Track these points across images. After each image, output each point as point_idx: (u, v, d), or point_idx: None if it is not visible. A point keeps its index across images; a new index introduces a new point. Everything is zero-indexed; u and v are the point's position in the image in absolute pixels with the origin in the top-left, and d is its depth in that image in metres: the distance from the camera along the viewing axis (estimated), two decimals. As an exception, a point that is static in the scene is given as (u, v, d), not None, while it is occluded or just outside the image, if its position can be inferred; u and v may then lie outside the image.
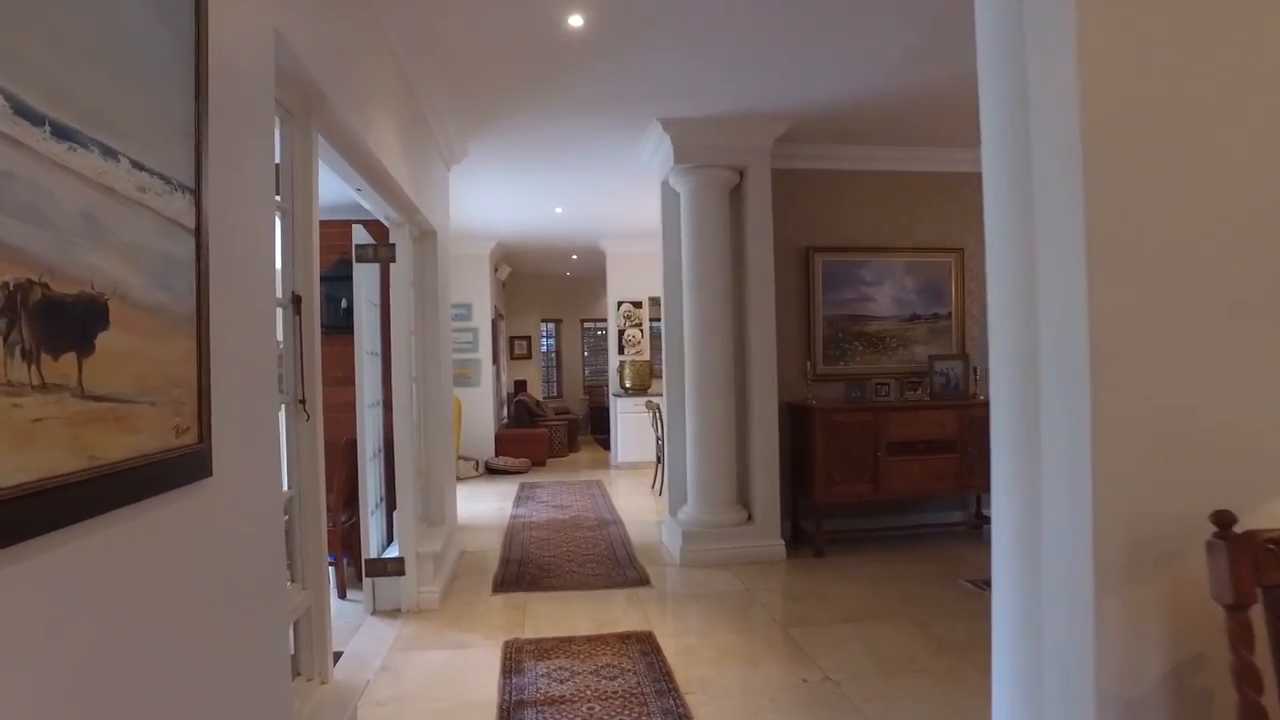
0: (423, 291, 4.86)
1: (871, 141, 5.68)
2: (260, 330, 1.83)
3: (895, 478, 5.34)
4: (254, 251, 1.79)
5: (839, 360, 5.83)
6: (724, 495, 5.27)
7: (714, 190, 5.26)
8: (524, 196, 7.43)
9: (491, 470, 9.84)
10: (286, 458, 2.36)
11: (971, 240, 6.03)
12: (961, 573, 4.81)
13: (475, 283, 10.12)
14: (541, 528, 6.41)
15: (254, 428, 1.75)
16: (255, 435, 1.75)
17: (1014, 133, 1.69)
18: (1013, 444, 1.76)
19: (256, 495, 1.75)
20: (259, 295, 1.83)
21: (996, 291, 1.83)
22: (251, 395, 1.73)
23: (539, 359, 15.08)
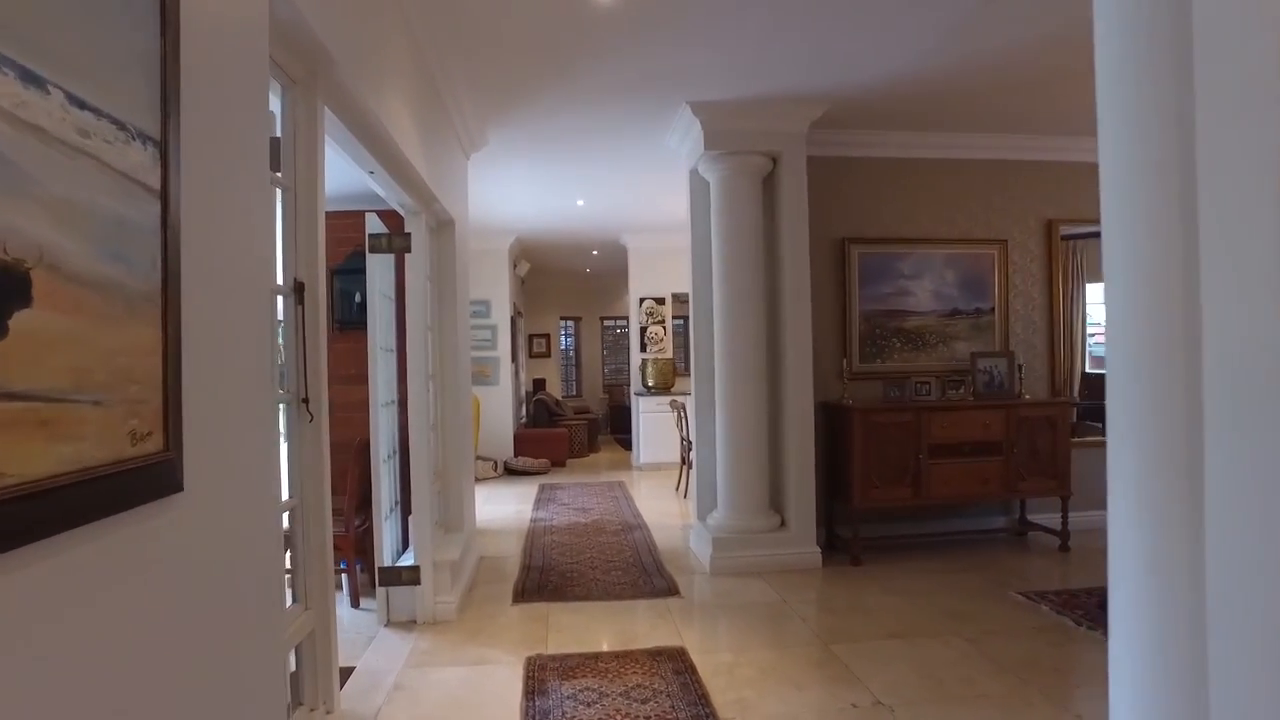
0: (440, 285, 4.63)
1: (911, 127, 5.38)
2: (253, 319, 1.58)
3: (937, 482, 5.05)
4: (245, 228, 1.54)
5: (876, 357, 5.54)
6: (756, 500, 5.00)
7: (746, 178, 4.99)
8: (545, 189, 7.19)
9: (511, 471, 9.62)
10: (288, 463, 2.13)
11: (1016, 231, 5.72)
12: (1011, 584, 4.51)
13: (494, 279, 9.90)
14: (563, 532, 6.16)
15: (243, 431, 1.51)
16: (244, 440, 1.51)
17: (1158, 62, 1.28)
18: (1143, 457, 1.44)
19: (244, 510, 1.51)
20: (252, 279, 1.58)
21: (1121, 275, 1.53)
22: (240, 394, 1.49)
23: (558, 357, 14.86)
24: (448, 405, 4.64)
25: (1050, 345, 5.78)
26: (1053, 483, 5.21)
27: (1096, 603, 4.12)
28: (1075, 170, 5.77)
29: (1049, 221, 5.76)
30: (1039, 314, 5.78)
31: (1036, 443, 5.17)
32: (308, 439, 2.15)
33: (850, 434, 4.99)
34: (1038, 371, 5.75)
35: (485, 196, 7.39)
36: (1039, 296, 5.78)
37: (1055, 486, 5.22)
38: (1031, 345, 5.76)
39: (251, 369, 1.56)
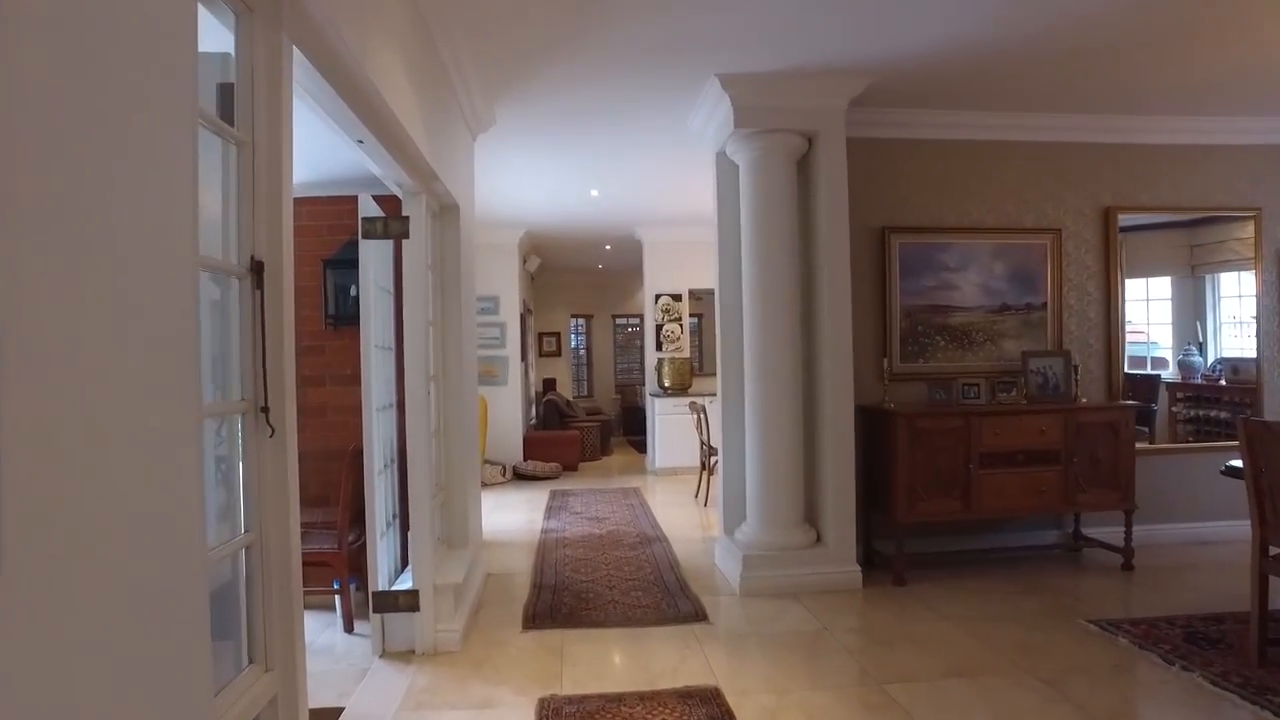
0: (443, 276, 4.20)
1: (960, 105, 4.91)
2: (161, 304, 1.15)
3: (989, 493, 4.58)
4: (141, 174, 1.11)
5: (917, 357, 5.08)
6: (790, 513, 4.55)
7: (779, 159, 4.54)
8: (557, 178, 6.76)
9: (520, 476, 9.19)
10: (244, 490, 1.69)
11: (1071, 220, 5.25)
12: (1077, 609, 4.05)
13: (503, 274, 9.48)
14: (576, 544, 5.73)
15: (135, 457, 1.08)
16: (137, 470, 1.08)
17: None
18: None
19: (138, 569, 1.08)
20: (158, 246, 1.15)
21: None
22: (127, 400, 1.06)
23: (569, 356, 14.44)
24: (451, 408, 4.21)
25: (1107, 344, 5.31)
26: (1115, 495, 4.74)
27: (1182, 635, 3.65)
28: (1137, 153, 5.31)
29: (1107, 209, 5.28)
30: (1095, 309, 5.31)
31: (1097, 451, 4.70)
32: (269, 457, 1.72)
33: (893, 441, 4.54)
34: (1093, 372, 5.28)
35: (494, 186, 6.96)
36: (1095, 290, 5.31)
37: (1118, 499, 4.75)
38: (1086, 344, 5.29)
39: (156, 371, 1.13)
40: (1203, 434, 5.71)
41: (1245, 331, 5.85)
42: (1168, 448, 5.44)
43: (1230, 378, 5.84)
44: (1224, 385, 5.83)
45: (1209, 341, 6.02)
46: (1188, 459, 5.34)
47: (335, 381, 4.58)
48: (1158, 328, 5.77)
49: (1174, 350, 5.83)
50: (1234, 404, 5.77)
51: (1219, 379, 5.86)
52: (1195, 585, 4.45)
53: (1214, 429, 5.76)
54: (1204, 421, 5.85)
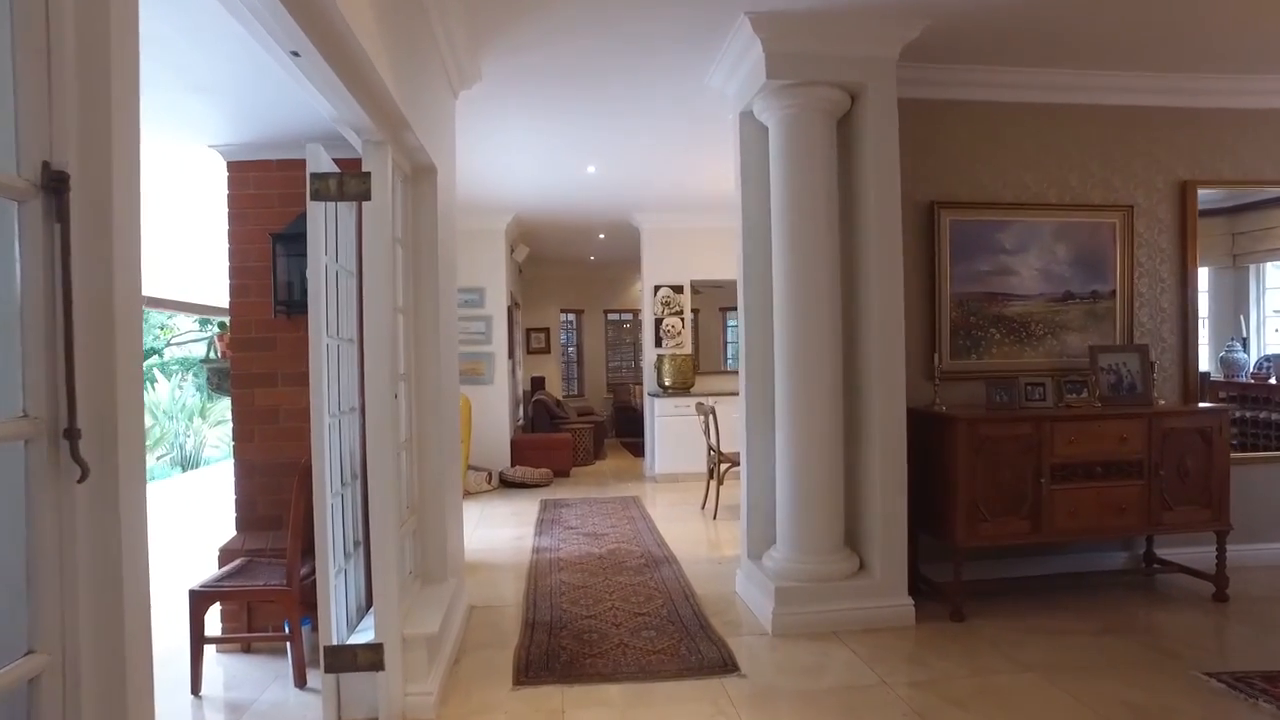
0: (418, 253, 3.47)
1: (1020, 60, 4.23)
2: None
3: (1062, 512, 3.91)
4: None
5: (970, 352, 4.40)
6: (829, 536, 3.85)
7: (818, 118, 3.83)
8: (549, 151, 6.02)
9: (507, 483, 8.45)
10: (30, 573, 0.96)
11: (1142, 195, 4.58)
12: (1185, 656, 3.37)
13: (489, 264, 8.74)
14: (573, 567, 5.00)
15: None
16: None
17: None
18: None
19: None
20: None
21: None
22: None
23: (558, 353, 13.71)
24: (427, 413, 3.48)
25: (1183, 338, 4.64)
26: (1207, 513, 4.07)
27: (1324, 691, 2.98)
28: (1217, 119, 4.64)
29: (1183, 184, 4.62)
30: (1169, 298, 4.64)
31: (1185, 461, 4.03)
32: (82, 520, 0.99)
33: (951, 451, 3.85)
34: (1167, 370, 4.62)
35: (479, 163, 6.22)
36: (1169, 277, 4.64)
37: (1210, 518, 4.08)
38: (1160, 337, 4.62)
39: None
40: (1250, 438, 5.06)
41: None
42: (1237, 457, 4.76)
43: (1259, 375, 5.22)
44: (1275, 384, 5.19)
45: (1252, 337, 5.41)
46: (1247, 470, 4.62)
47: (289, 381, 3.83)
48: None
49: (1212, 347, 5.19)
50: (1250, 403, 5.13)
51: (1268, 377, 5.23)
52: (1305, 620, 3.80)
53: (1265, 433, 5.12)
54: (1254, 424, 5.20)
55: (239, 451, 3.87)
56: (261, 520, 3.81)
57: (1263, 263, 5.31)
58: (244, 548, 3.68)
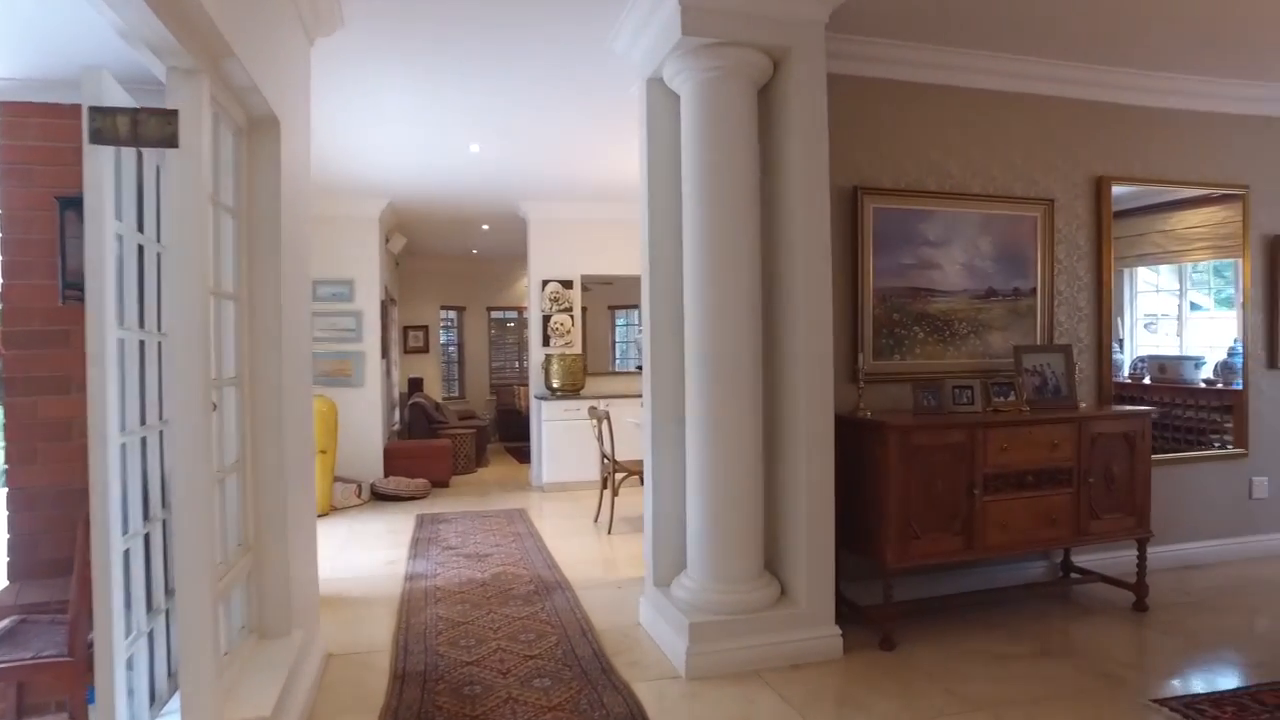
0: (254, 226, 2.75)
1: (951, 41, 3.92)
2: None
3: (994, 526, 3.61)
4: None
5: (894, 352, 4.06)
6: (749, 561, 3.39)
7: (737, 85, 3.37)
8: (427, 126, 5.32)
9: (380, 496, 7.62)
10: None
11: (1061, 190, 4.39)
12: (1132, 681, 3.11)
13: (360, 254, 7.88)
14: (453, 598, 4.35)
15: None
16: None
17: None
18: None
19: None
20: None
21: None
22: None
23: (438, 353, 12.84)
24: (265, 427, 2.77)
25: (1099, 338, 4.49)
26: (1131, 520, 3.89)
27: (1282, 719, 2.76)
28: (1133, 116, 4.52)
29: (1099, 179, 4.46)
30: (1085, 297, 4.48)
31: (1111, 467, 3.83)
32: None
33: (881, 462, 3.47)
34: (1084, 371, 4.45)
35: (347, 137, 5.45)
36: (1085, 275, 4.48)
37: (1133, 525, 3.90)
38: (1077, 337, 4.44)
39: None
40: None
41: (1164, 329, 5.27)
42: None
43: (1156, 376, 5.23)
44: (1149, 384, 5.20)
45: (1127, 339, 5.43)
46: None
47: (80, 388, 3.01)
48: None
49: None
50: (1162, 404, 5.14)
51: (1143, 378, 5.24)
52: (1231, 630, 3.66)
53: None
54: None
55: (14, 477, 3.02)
56: (45, 566, 2.99)
57: (1135, 267, 5.30)
58: (16, 603, 2.84)
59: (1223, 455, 4.80)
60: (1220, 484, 4.78)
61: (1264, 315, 4.93)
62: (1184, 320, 5.35)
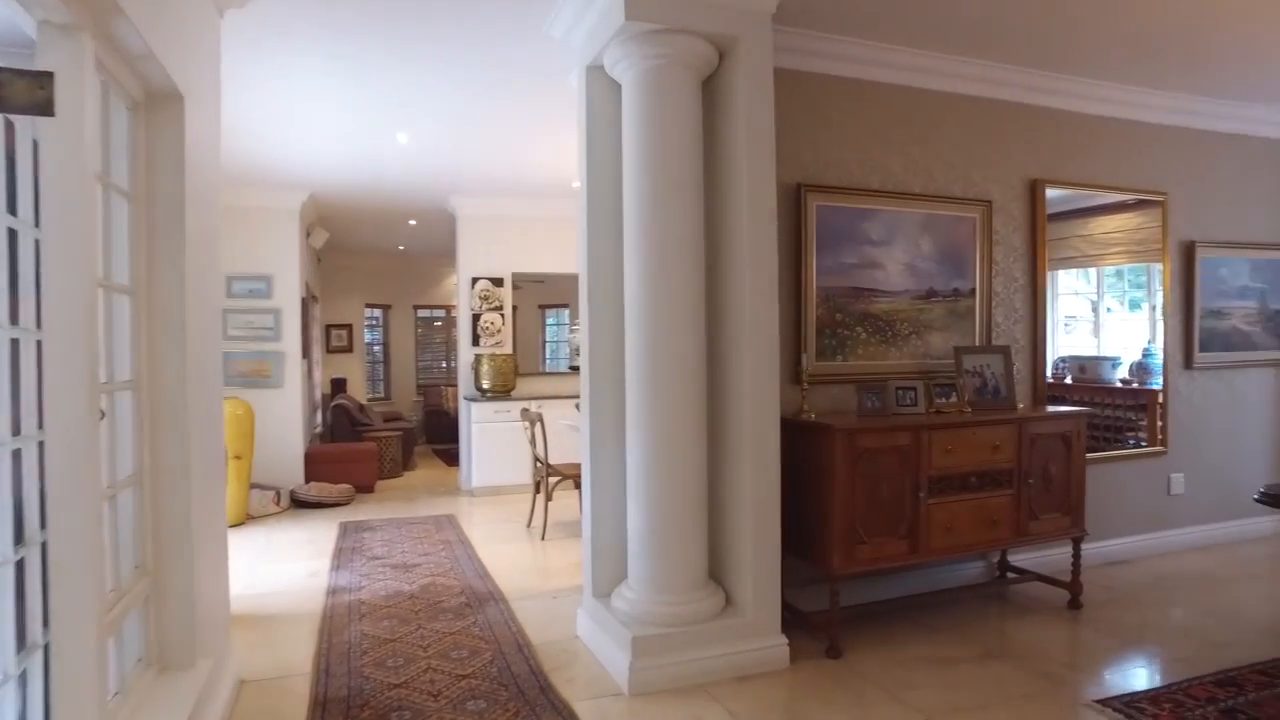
0: (153, 212, 2.48)
1: (894, 38, 3.88)
2: None
3: (939, 529, 3.58)
4: None
5: (836, 352, 4.00)
6: (692, 570, 3.27)
7: (682, 76, 3.24)
8: (352, 113, 5.03)
9: (300, 503, 7.23)
10: None
11: (999, 191, 4.41)
12: (1073, 682, 3.11)
13: (279, 248, 7.47)
14: (379, 613, 4.10)
15: None
16: None
17: None
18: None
19: None
20: None
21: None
22: None
23: (362, 353, 12.37)
24: (166, 435, 2.50)
25: (1034, 339, 4.54)
26: (1067, 520, 3.92)
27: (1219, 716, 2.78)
28: (1066, 120, 4.59)
29: (1033, 182, 4.51)
30: (1021, 299, 4.52)
31: (1049, 468, 3.85)
32: None
33: (827, 465, 3.39)
34: (1020, 372, 4.49)
35: (264, 122, 5.11)
36: (1021, 276, 4.52)
37: (1069, 525, 3.93)
38: (1013, 338, 4.48)
39: None
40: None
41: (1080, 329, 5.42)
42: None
43: (1077, 376, 5.37)
44: (1070, 384, 5.33)
45: (1049, 340, 5.56)
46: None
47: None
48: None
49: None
50: (1082, 403, 5.27)
51: (1064, 378, 5.37)
52: (1161, 626, 3.73)
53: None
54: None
55: None
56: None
57: (1056, 270, 5.41)
58: None
59: (1145, 453, 4.92)
60: (1142, 481, 4.91)
61: (1181, 318, 5.08)
62: (1101, 322, 5.49)
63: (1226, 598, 4.14)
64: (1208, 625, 3.73)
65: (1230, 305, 5.31)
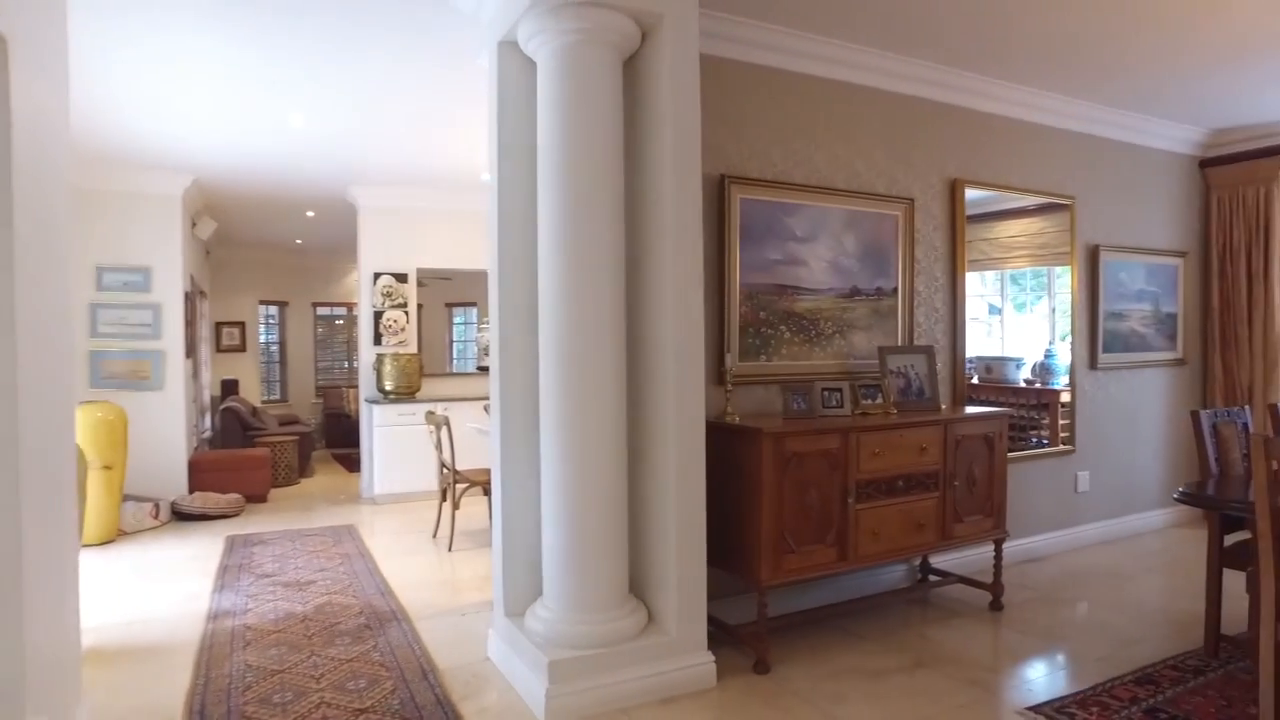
0: (-25, 185, 2.08)
1: (818, 28, 3.76)
2: None
3: (867, 535, 3.47)
4: None
5: (760, 352, 3.85)
6: (613, 585, 3.05)
7: (603, 54, 3.01)
8: (239, 87, 4.59)
9: (183, 516, 6.64)
10: None
11: (920, 189, 4.37)
12: (1003, 690, 3.05)
13: (158, 237, 6.84)
14: (267, 639, 3.70)
15: None
16: None
17: None
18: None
19: None
20: None
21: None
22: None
23: (257, 352, 11.62)
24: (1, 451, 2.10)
25: (953, 339, 4.52)
26: (990, 521, 3.89)
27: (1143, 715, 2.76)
28: (984, 122, 4.60)
29: (954, 181, 4.49)
30: (941, 299, 4.49)
31: (973, 469, 3.81)
32: None
33: (754, 471, 3.23)
34: (940, 372, 4.46)
35: (138, 92, 4.60)
36: (942, 276, 4.49)
37: (992, 526, 3.91)
38: (934, 338, 4.45)
39: None
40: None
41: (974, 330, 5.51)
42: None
43: (984, 376, 5.45)
44: (977, 383, 5.41)
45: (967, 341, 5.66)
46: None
47: None
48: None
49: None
50: (989, 403, 5.37)
51: (971, 378, 5.45)
52: (1078, 625, 3.76)
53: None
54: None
55: None
56: None
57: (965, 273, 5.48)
58: None
59: (1055, 452, 4.99)
60: (1052, 480, 4.98)
61: (1086, 319, 5.18)
62: (1005, 323, 5.57)
63: (1132, 592, 4.22)
64: (1120, 622, 3.77)
65: (1129, 308, 5.47)
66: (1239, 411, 3.76)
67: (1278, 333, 5.52)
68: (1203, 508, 3.21)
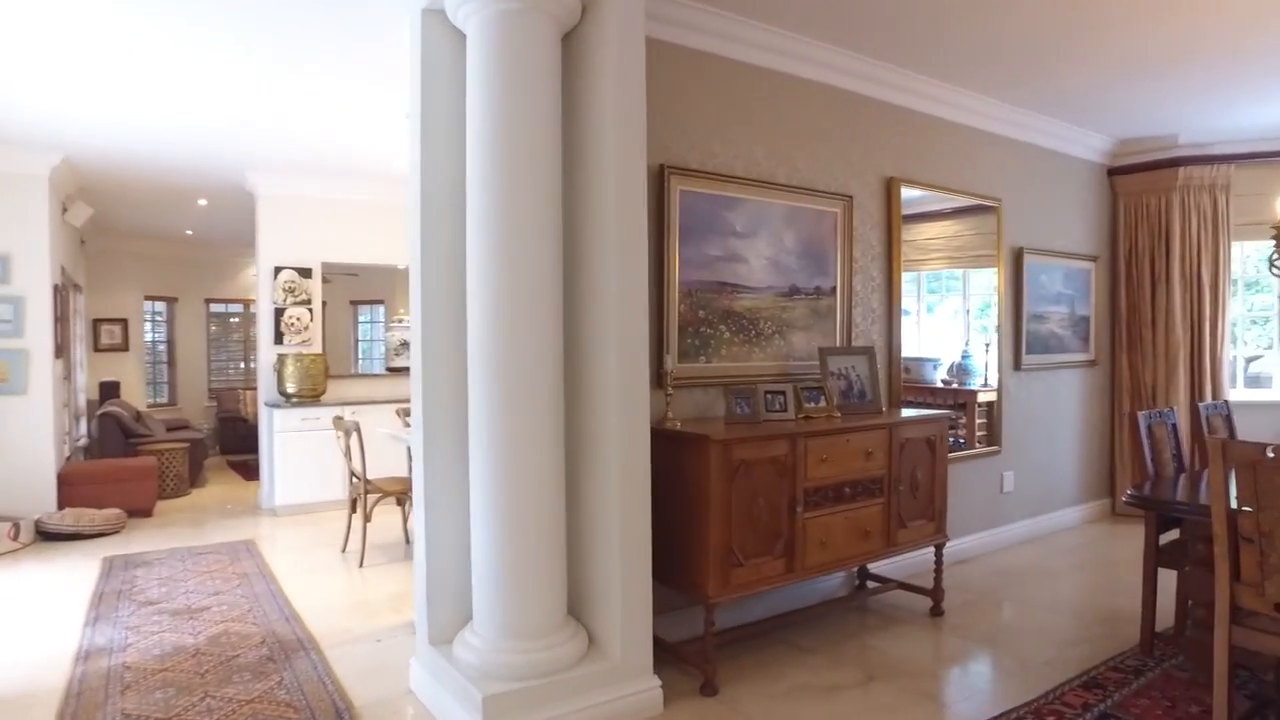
0: None
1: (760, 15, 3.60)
2: None
3: (814, 544, 3.32)
4: None
5: (699, 353, 3.66)
6: (550, 608, 2.79)
7: (538, 25, 2.74)
8: (112, 53, 4.07)
9: (50, 536, 5.94)
10: None
11: (858, 186, 4.28)
12: (955, 704, 2.94)
13: (20, 222, 6.10)
14: (151, 681, 3.26)
15: None
16: None
17: None
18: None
19: None
20: None
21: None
22: None
23: (141, 351, 10.72)
24: None
25: (889, 340, 4.45)
26: (931, 526, 3.82)
27: None
28: (919, 122, 4.56)
29: (890, 180, 4.42)
30: (878, 299, 4.41)
31: (916, 473, 3.72)
32: None
33: (700, 481, 3.02)
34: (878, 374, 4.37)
35: (-16, 52, 4.02)
36: (879, 275, 4.41)
37: (933, 531, 3.83)
38: (870, 338, 4.36)
39: None
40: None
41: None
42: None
43: (904, 377, 5.46)
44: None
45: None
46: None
47: None
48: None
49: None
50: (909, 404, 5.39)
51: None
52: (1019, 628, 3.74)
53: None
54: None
55: None
56: None
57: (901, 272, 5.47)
58: None
59: (983, 453, 5.01)
60: (980, 480, 5.00)
61: (1011, 320, 5.23)
62: (920, 324, 5.57)
63: (1064, 591, 4.26)
64: (1058, 623, 3.76)
65: (1049, 310, 5.56)
66: (1169, 412, 3.80)
67: (1178, 335, 5.72)
68: (1154, 511, 3.19)
